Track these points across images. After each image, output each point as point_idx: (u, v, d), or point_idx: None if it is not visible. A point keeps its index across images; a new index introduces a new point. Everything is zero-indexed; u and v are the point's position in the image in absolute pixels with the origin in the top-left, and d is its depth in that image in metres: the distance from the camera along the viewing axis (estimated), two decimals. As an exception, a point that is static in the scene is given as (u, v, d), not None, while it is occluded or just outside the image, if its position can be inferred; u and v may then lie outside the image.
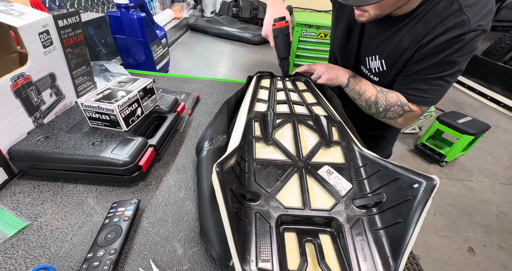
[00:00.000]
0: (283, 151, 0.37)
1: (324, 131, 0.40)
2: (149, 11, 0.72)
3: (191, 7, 1.29)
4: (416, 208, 0.26)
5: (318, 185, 0.33)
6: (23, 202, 0.35)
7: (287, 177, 0.33)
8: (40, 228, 0.32)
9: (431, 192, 0.26)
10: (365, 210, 0.31)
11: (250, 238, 0.26)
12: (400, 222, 0.27)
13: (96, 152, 0.36)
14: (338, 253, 0.27)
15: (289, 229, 0.29)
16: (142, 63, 0.76)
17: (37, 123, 0.40)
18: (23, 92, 0.37)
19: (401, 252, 0.24)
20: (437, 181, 0.26)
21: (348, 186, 0.33)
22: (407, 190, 0.28)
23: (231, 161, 0.30)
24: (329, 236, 0.29)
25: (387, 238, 0.27)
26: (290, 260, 0.26)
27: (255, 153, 0.36)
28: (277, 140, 0.38)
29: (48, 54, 0.40)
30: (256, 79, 0.56)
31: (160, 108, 0.49)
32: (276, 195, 0.31)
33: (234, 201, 0.27)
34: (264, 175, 0.33)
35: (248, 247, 0.25)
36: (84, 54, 0.48)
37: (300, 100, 0.48)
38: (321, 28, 1.59)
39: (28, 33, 0.36)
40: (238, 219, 0.27)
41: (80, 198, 0.36)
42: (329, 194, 0.32)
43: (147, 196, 0.38)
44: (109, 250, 0.28)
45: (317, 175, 0.34)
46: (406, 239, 0.25)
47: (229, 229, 0.23)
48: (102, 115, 0.39)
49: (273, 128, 0.40)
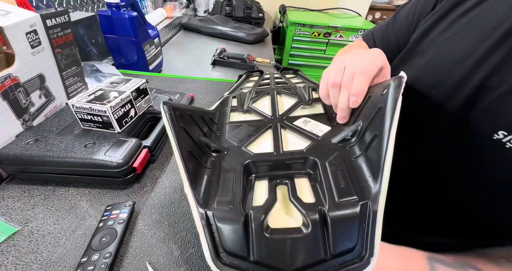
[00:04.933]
0: (258, 114, 0.34)
1: (303, 93, 0.38)
2: (140, 10, 0.71)
3: (184, 6, 1.28)
4: (388, 112, 0.22)
5: (293, 133, 0.30)
6: (12, 207, 0.34)
7: (259, 131, 0.30)
8: (31, 233, 0.31)
9: (399, 88, 0.23)
10: (344, 144, 0.27)
11: (212, 185, 0.23)
12: (376, 135, 0.23)
13: (88, 154, 0.35)
14: (313, 188, 0.23)
15: (260, 177, 0.25)
16: (135, 63, 0.75)
17: (26, 126, 0.39)
18: (11, 94, 0.36)
19: (380, 165, 0.20)
20: (403, 76, 0.24)
21: (326, 129, 0.30)
22: (378, 101, 0.25)
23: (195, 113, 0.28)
24: (306, 178, 0.25)
25: (366, 161, 0.23)
26: (257, 201, 0.22)
27: (228, 118, 0.34)
28: (253, 107, 0.36)
29: (36, 54, 0.39)
30: (245, 76, 0.56)
31: (154, 109, 0.48)
32: (247, 146, 0.28)
33: (191, 146, 0.25)
34: (235, 133, 0.30)
35: (209, 192, 0.22)
36: (74, 54, 0.47)
37: (284, 80, 0.47)
38: (315, 27, 1.60)
39: (14, 33, 0.35)
40: (197, 163, 0.24)
41: (72, 202, 0.35)
42: (305, 137, 0.29)
43: (142, 198, 0.37)
44: (104, 253, 0.28)
45: (292, 126, 0.31)
46: (382, 149, 0.21)
47: (181, 163, 0.21)
48: (94, 117, 0.38)
49: (251, 99, 0.38)
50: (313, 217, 0.19)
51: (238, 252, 0.19)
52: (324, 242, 0.19)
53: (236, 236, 0.19)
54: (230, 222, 0.20)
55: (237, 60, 0.92)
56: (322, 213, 0.19)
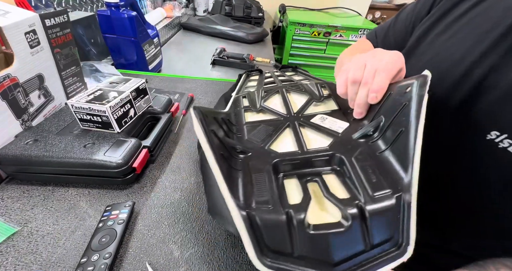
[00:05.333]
0: (273, 113, 0.35)
1: (313, 90, 0.39)
2: (140, 10, 0.71)
3: (183, 5, 1.28)
4: (413, 108, 0.23)
5: (312, 131, 0.31)
6: (12, 208, 0.34)
7: (279, 131, 0.31)
8: (31, 234, 0.31)
9: (424, 87, 0.23)
10: (366, 139, 0.28)
11: (246, 186, 0.23)
12: (402, 131, 0.23)
13: (88, 155, 0.35)
14: (344, 184, 0.24)
15: (289, 176, 0.26)
16: (134, 63, 0.75)
17: (25, 126, 0.39)
18: (10, 94, 0.36)
19: (410, 158, 0.21)
20: (428, 75, 0.24)
21: (345, 125, 0.30)
22: (402, 99, 0.25)
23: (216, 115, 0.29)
24: (334, 174, 0.26)
25: (393, 155, 0.24)
26: (291, 199, 0.23)
27: (244, 119, 0.34)
28: (266, 106, 0.37)
29: (35, 54, 0.39)
30: (245, 75, 0.56)
31: (154, 109, 0.48)
32: (270, 146, 0.29)
33: (220, 148, 0.25)
34: (255, 133, 0.31)
35: (245, 194, 0.23)
36: (73, 54, 0.47)
37: (287, 78, 0.48)
38: (315, 27, 1.60)
39: (13, 33, 0.35)
40: (229, 167, 0.24)
41: (72, 202, 0.35)
42: (326, 135, 0.29)
43: (141, 198, 0.37)
44: (103, 254, 0.28)
45: (310, 123, 0.32)
46: (411, 143, 0.22)
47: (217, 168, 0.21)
48: (93, 117, 0.38)
49: (261, 98, 0.39)
50: (351, 211, 0.20)
51: (282, 249, 0.20)
52: (364, 234, 0.20)
53: (280, 234, 0.20)
54: (273, 221, 0.20)
55: (236, 60, 0.92)
56: (359, 207, 0.20)
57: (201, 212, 0.36)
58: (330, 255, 0.19)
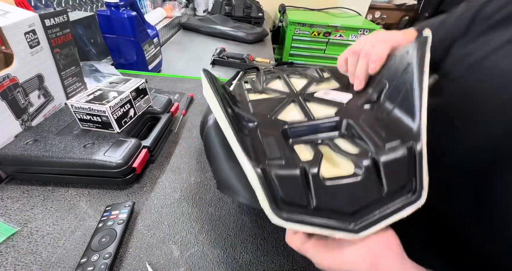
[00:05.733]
0: (276, 92, 0.36)
1: (313, 74, 0.40)
2: (139, 10, 0.71)
3: (183, 5, 1.28)
4: (416, 64, 0.24)
5: (317, 104, 0.32)
6: (11, 208, 0.33)
7: (284, 104, 0.32)
8: (31, 234, 0.31)
9: (425, 45, 0.24)
10: (372, 104, 0.28)
11: (258, 148, 0.23)
12: (407, 89, 0.24)
13: (88, 155, 0.35)
14: (354, 143, 0.25)
15: (298, 141, 0.27)
16: (134, 63, 0.75)
17: (25, 126, 0.39)
18: (9, 94, 0.36)
19: (416, 106, 0.22)
20: (428, 34, 0.25)
21: (349, 96, 0.31)
22: (403, 61, 0.26)
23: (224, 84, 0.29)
24: (343, 138, 0.27)
25: (401, 111, 0.24)
26: (303, 158, 0.23)
27: (248, 98, 0.35)
28: (268, 87, 0.38)
29: (35, 54, 0.39)
30: (242, 73, 0.57)
31: (154, 109, 0.48)
32: (277, 116, 0.30)
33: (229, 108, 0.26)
34: (260, 108, 0.31)
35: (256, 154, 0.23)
36: (73, 54, 0.47)
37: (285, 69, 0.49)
38: (314, 27, 1.60)
39: (13, 33, 0.35)
40: (238, 130, 0.24)
41: (72, 202, 0.35)
42: (331, 105, 0.30)
43: (141, 198, 0.37)
44: (103, 254, 0.28)
45: (314, 98, 0.33)
46: (416, 94, 0.22)
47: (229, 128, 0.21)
48: (93, 117, 0.38)
49: (263, 82, 0.40)
50: (365, 162, 0.21)
51: (298, 202, 0.20)
52: (378, 182, 0.20)
53: (295, 187, 0.20)
54: (288, 175, 0.20)
55: (236, 60, 0.92)
56: (372, 158, 0.21)
57: (201, 212, 0.36)
58: (347, 205, 0.20)
